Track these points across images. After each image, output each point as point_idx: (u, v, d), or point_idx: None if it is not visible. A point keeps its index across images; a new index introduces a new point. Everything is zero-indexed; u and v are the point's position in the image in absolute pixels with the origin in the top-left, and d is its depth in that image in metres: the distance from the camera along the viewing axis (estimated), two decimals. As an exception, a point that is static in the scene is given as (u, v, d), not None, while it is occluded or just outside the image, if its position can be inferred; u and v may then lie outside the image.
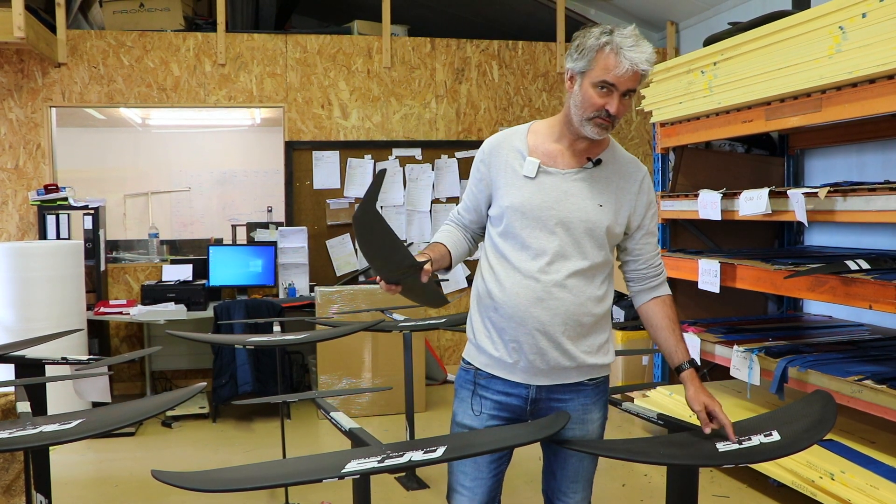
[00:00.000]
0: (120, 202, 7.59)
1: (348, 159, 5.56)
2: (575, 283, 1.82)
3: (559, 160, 1.86)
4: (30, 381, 2.28)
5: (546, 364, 1.82)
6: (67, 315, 4.34)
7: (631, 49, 1.71)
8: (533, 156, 1.86)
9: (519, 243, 1.84)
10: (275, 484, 1.41)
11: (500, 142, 1.93)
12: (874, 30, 2.78)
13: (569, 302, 1.80)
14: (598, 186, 1.86)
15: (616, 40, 1.72)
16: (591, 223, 1.83)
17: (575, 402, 1.88)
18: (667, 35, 6.04)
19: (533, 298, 1.80)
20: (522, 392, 1.86)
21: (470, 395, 1.92)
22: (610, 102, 1.74)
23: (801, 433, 1.70)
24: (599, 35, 1.74)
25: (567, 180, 1.84)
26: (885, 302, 2.80)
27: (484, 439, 1.74)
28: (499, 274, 1.86)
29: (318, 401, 2.49)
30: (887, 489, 2.80)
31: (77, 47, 5.17)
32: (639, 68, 1.72)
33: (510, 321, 1.83)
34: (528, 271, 1.82)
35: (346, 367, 4.79)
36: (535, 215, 1.82)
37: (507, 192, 1.86)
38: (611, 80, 1.72)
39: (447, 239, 1.96)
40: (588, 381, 1.89)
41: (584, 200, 1.83)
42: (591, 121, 1.78)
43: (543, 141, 1.89)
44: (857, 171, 4.26)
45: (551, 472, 1.97)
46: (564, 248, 1.82)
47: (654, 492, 3.51)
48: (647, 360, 4.86)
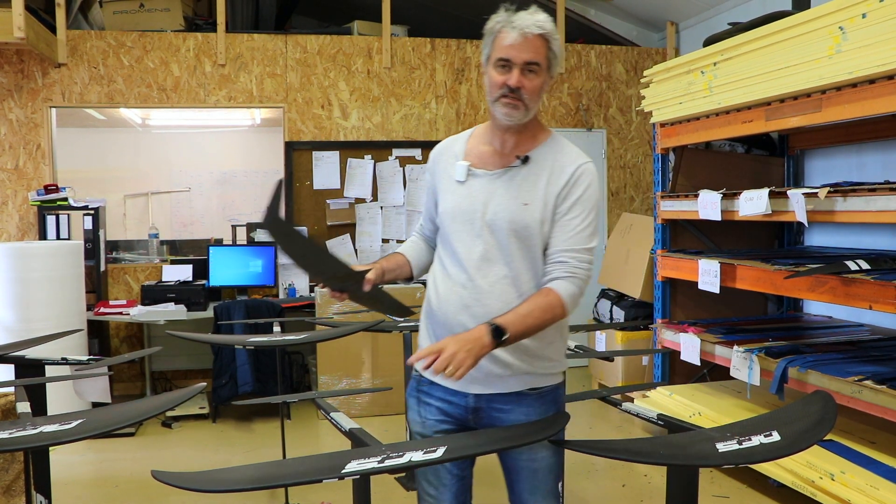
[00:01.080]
0: (120, 202, 7.58)
1: (348, 159, 5.56)
2: (503, 288, 1.75)
3: (489, 161, 1.82)
4: (30, 382, 2.28)
5: (479, 371, 1.72)
6: (67, 315, 4.34)
7: (521, 19, 1.69)
8: (467, 159, 1.83)
9: (451, 249, 1.81)
10: (275, 484, 1.41)
11: (442, 149, 1.92)
12: (874, 30, 2.78)
13: (496, 309, 1.71)
14: (526, 185, 1.77)
15: (509, 18, 1.71)
16: (516, 224, 1.75)
17: (516, 412, 1.80)
18: (667, 35, 6.04)
19: (460, 305, 1.76)
20: (461, 400, 1.82)
21: (416, 402, 1.89)
22: (510, 76, 1.70)
23: (801, 433, 1.70)
24: (493, 18, 1.73)
25: (493, 181, 1.79)
26: (885, 302, 2.80)
27: (483, 439, 1.74)
28: (437, 280, 1.84)
29: (318, 401, 2.49)
30: (887, 489, 2.80)
31: (77, 47, 5.17)
32: (528, 32, 1.68)
33: (443, 328, 1.80)
34: (457, 278, 1.78)
35: (346, 367, 4.79)
36: (463, 220, 1.79)
37: (443, 198, 1.85)
38: (505, 54, 1.70)
39: (408, 249, 1.95)
40: (529, 390, 1.81)
41: (508, 200, 1.76)
42: (498, 102, 1.73)
43: (479, 143, 1.86)
44: (857, 171, 4.26)
45: (510, 485, 1.90)
46: (490, 252, 1.76)
47: (654, 492, 3.51)
48: (647, 360, 4.86)
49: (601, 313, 5.34)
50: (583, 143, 6.04)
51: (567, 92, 5.97)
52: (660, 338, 4.36)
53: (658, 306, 4.48)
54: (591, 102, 6.02)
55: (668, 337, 4.26)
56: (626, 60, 6.09)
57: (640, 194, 6.15)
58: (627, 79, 6.09)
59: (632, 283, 4.97)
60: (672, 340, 4.20)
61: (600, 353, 2.99)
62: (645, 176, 6.13)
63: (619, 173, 6.11)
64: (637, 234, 5.08)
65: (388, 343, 4.76)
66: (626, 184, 6.13)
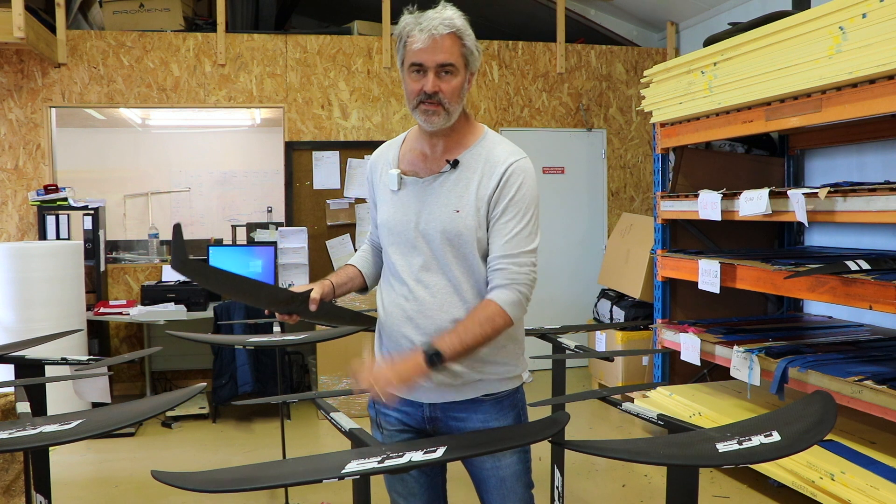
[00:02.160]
0: (120, 202, 7.58)
1: (348, 159, 5.56)
2: (445, 299, 1.69)
3: (420, 167, 1.74)
4: (30, 382, 2.28)
5: (429, 381, 1.69)
6: (67, 315, 4.34)
7: (426, 20, 1.60)
8: (400, 166, 1.76)
9: (391, 261, 1.76)
10: (275, 484, 1.41)
11: (377, 157, 1.84)
12: (874, 30, 2.78)
13: (439, 319, 1.68)
14: (457, 190, 1.69)
15: (417, 19, 1.62)
16: (448, 233, 1.67)
17: (473, 419, 1.77)
18: (667, 35, 6.04)
19: (403, 318, 1.72)
20: (416, 411, 1.80)
21: (375, 413, 1.87)
22: (425, 82, 1.62)
23: (801, 434, 1.70)
24: (404, 21, 1.64)
25: (425, 189, 1.71)
26: (886, 302, 2.80)
27: (483, 440, 1.73)
28: (382, 291, 1.81)
29: (318, 401, 2.49)
30: (887, 490, 2.80)
31: (77, 47, 5.17)
32: (435, 33, 1.58)
33: (389, 340, 1.77)
34: (399, 290, 1.74)
35: (345, 367, 4.79)
36: (398, 231, 1.73)
37: (380, 209, 1.79)
38: (416, 59, 1.61)
39: (359, 260, 1.89)
40: (484, 396, 1.76)
41: (440, 208, 1.69)
42: (416, 109, 1.65)
43: (412, 147, 1.78)
44: (858, 171, 4.26)
45: (481, 497, 1.86)
46: (428, 263, 1.70)
47: (654, 492, 3.51)
48: (647, 360, 4.86)
49: (601, 313, 5.34)
50: (583, 143, 6.05)
51: (567, 92, 5.97)
52: (660, 338, 4.36)
53: (658, 306, 4.48)
54: (591, 102, 6.02)
55: (669, 337, 4.26)
56: (626, 60, 6.09)
57: (640, 194, 6.15)
58: (627, 79, 6.09)
59: (632, 283, 4.97)
60: (672, 340, 4.20)
61: (600, 353, 2.99)
62: (645, 176, 6.13)
63: (619, 173, 6.11)
64: (637, 234, 5.08)
65: (388, 343, 4.76)
66: (626, 184, 6.13)
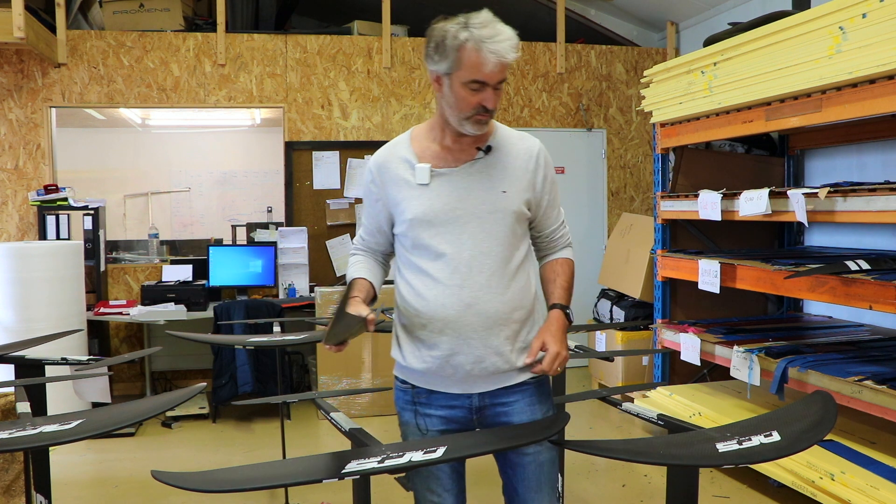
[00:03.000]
0: (120, 202, 7.58)
1: (348, 159, 5.55)
2: (499, 280, 1.76)
3: (448, 158, 1.80)
4: (30, 382, 2.28)
5: (484, 371, 1.76)
6: (67, 315, 4.34)
7: (492, 41, 1.65)
8: (421, 161, 1.80)
9: (432, 253, 1.77)
10: (275, 484, 1.41)
11: (386, 157, 1.86)
12: (874, 30, 2.78)
13: (498, 301, 1.75)
14: (497, 173, 1.79)
15: (475, 34, 1.65)
16: (499, 213, 1.77)
17: (521, 402, 1.82)
18: (667, 35, 6.04)
19: (461, 306, 1.74)
20: (465, 402, 1.81)
21: (413, 416, 1.86)
22: (485, 98, 1.70)
23: (801, 433, 1.70)
24: (456, 32, 1.66)
25: (464, 175, 1.78)
26: (886, 302, 2.80)
27: (483, 440, 1.73)
28: (419, 289, 1.79)
29: (318, 401, 2.49)
30: (887, 490, 2.80)
31: (77, 47, 5.16)
32: (506, 59, 1.66)
33: (441, 334, 1.76)
34: (450, 279, 1.75)
35: (345, 367, 4.79)
36: (441, 220, 1.76)
37: (407, 206, 1.79)
38: (481, 78, 1.67)
39: (364, 271, 1.89)
40: (530, 379, 1.83)
41: (486, 191, 1.77)
42: (469, 119, 1.73)
43: (429, 144, 1.82)
44: (858, 171, 4.26)
45: (513, 487, 1.87)
46: (480, 246, 1.75)
47: (654, 492, 3.51)
48: (648, 360, 4.86)
49: (601, 313, 5.34)
50: (583, 143, 6.05)
51: (567, 92, 5.97)
52: (660, 338, 4.36)
53: (658, 306, 4.48)
54: (591, 102, 6.02)
55: (668, 337, 4.26)
56: (626, 60, 6.09)
57: (640, 194, 6.15)
58: (627, 79, 6.09)
59: (632, 283, 4.97)
60: (672, 340, 4.20)
61: (600, 353, 2.98)
62: (645, 176, 6.13)
63: (619, 173, 6.11)
64: (637, 234, 5.08)
65: (388, 343, 4.74)
66: (626, 184, 6.13)
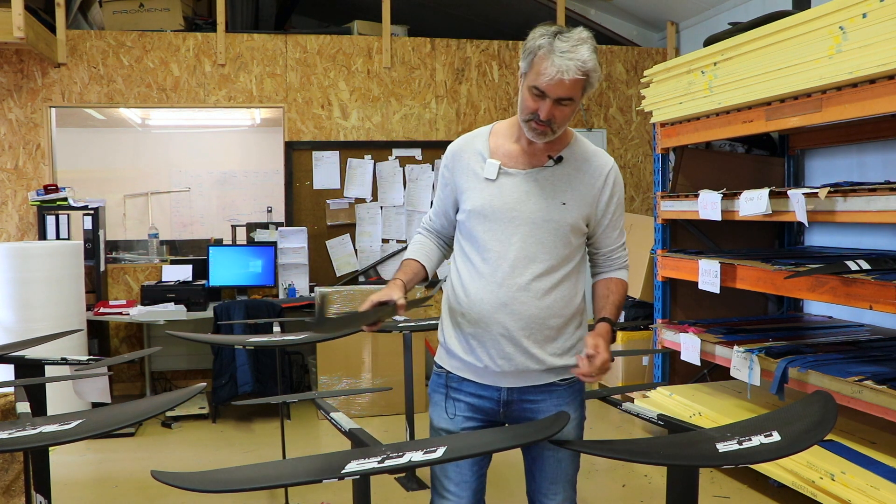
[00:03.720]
0: (120, 202, 7.58)
1: (348, 159, 5.55)
2: (539, 286, 1.78)
3: (520, 160, 1.83)
4: (30, 382, 2.28)
5: (514, 367, 1.80)
6: (67, 315, 4.34)
7: (563, 55, 1.65)
8: (494, 157, 1.84)
9: (482, 247, 1.81)
10: (275, 484, 1.41)
11: (462, 146, 1.91)
12: (874, 30, 2.78)
13: (533, 306, 1.77)
14: (561, 184, 1.82)
15: (552, 44, 1.66)
16: (554, 223, 1.79)
17: (548, 402, 1.85)
18: (667, 35, 6.04)
19: (497, 303, 1.78)
20: (494, 394, 1.84)
21: (443, 398, 1.90)
22: (541, 107, 1.71)
23: (801, 434, 1.70)
24: (539, 37, 1.70)
25: (528, 180, 1.81)
26: (886, 302, 2.80)
27: (484, 440, 1.73)
28: (464, 278, 1.84)
29: (318, 401, 2.49)
30: (887, 490, 2.80)
31: (77, 47, 5.16)
32: (565, 77, 1.65)
33: (476, 326, 1.81)
34: (492, 275, 1.79)
35: (345, 367, 4.78)
36: (497, 217, 1.80)
37: (469, 196, 1.84)
38: (540, 86, 1.69)
39: (418, 252, 1.95)
40: (560, 381, 1.86)
41: (545, 200, 1.80)
42: (527, 123, 1.76)
43: (504, 142, 1.86)
44: (858, 171, 4.26)
45: (531, 474, 1.93)
46: (527, 250, 1.78)
47: (654, 492, 3.51)
48: (648, 360, 4.86)
49: (601, 313, 5.33)
50: (583, 143, 6.05)
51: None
52: (660, 338, 4.36)
53: (658, 306, 4.48)
54: (591, 102, 6.02)
55: (669, 337, 4.25)
56: (626, 60, 6.09)
57: (640, 194, 6.15)
58: (627, 79, 6.09)
59: (632, 283, 4.97)
60: (672, 340, 4.20)
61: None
62: (645, 176, 6.13)
63: (620, 173, 6.10)
64: (637, 234, 5.08)
65: (388, 343, 4.76)
66: (626, 184, 6.12)
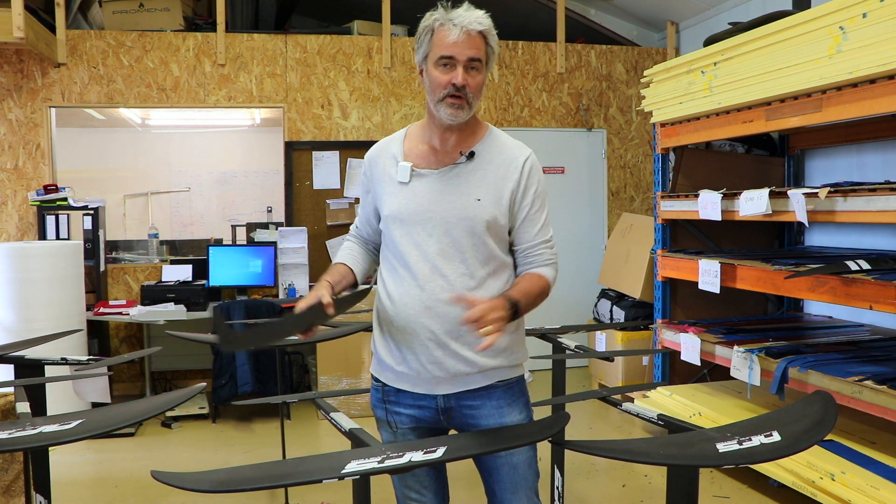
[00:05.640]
0: (120, 202, 7.58)
1: (348, 159, 5.55)
2: (461, 286, 1.74)
3: (432, 160, 1.80)
4: (30, 382, 2.28)
5: (446, 372, 1.76)
6: (67, 315, 4.34)
7: (461, 16, 1.69)
8: (407, 159, 1.81)
9: (401, 251, 1.78)
10: (275, 484, 1.41)
11: (379, 151, 1.89)
12: (874, 30, 2.78)
13: (457, 307, 1.69)
14: (474, 180, 1.77)
15: (446, 14, 1.70)
16: (469, 220, 1.75)
17: (487, 406, 1.81)
18: (667, 35, 6.04)
19: (421, 307, 1.75)
20: (431, 403, 1.81)
21: (384, 413, 1.88)
22: (454, 75, 1.69)
23: (801, 434, 1.70)
24: (429, 16, 1.73)
25: (441, 179, 1.78)
26: (886, 302, 2.80)
27: (484, 440, 1.73)
28: (388, 285, 1.81)
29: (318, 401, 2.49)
30: (887, 490, 2.80)
31: (77, 47, 5.16)
32: (470, 28, 1.68)
33: (403, 333, 1.78)
34: (413, 280, 1.76)
35: (345, 367, 4.79)
36: (412, 220, 1.77)
37: (386, 202, 1.82)
38: (447, 52, 1.69)
39: (347, 257, 1.92)
40: (498, 382, 1.82)
41: (459, 198, 1.76)
42: (442, 102, 1.72)
43: (417, 143, 1.84)
44: (858, 171, 4.26)
45: (491, 490, 1.88)
46: (446, 251, 1.75)
47: (654, 492, 3.51)
48: (648, 360, 4.86)
49: (601, 313, 5.34)
50: (583, 143, 6.05)
51: (567, 92, 5.97)
52: (660, 338, 4.36)
53: (658, 306, 4.48)
54: (591, 102, 6.02)
55: (669, 337, 4.25)
56: (626, 60, 6.09)
57: (640, 194, 6.15)
58: (627, 79, 6.09)
59: (632, 284, 4.97)
60: (672, 340, 4.20)
61: (600, 353, 2.98)
62: (645, 176, 6.13)
63: (619, 173, 6.11)
64: (637, 234, 5.08)
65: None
66: (626, 184, 6.13)
